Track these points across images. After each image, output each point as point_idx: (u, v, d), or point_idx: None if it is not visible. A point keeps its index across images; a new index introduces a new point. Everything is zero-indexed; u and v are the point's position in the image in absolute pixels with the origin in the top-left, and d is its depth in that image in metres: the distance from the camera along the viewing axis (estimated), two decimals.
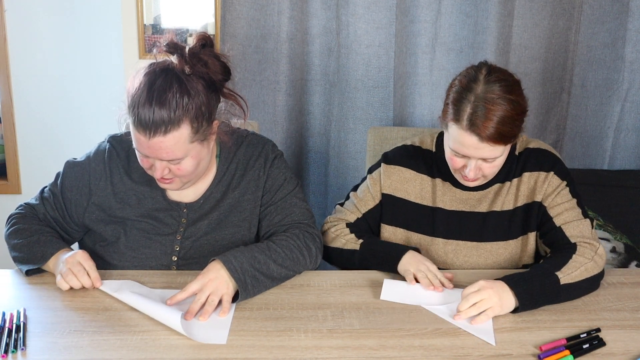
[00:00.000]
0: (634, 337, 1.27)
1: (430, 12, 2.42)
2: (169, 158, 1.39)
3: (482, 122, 1.41)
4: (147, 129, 1.34)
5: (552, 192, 1.58)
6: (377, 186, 1.70)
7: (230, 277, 1.36)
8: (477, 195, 1.63)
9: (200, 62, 1.40)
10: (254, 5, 2.39)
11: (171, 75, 1.37)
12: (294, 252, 1.49)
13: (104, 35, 2.70)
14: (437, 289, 1.45)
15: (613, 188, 2.47)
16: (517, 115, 1.45)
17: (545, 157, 1.61)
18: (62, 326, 1.26)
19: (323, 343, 1.23)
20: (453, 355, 1.19)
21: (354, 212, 1.71)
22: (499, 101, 1.42)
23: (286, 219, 1.57)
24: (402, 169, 1.69)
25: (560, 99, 2.59)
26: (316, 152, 2.64)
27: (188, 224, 1.55)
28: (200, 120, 1.39)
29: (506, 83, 1.45)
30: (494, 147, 1.45)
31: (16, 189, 2.86)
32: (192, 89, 1.38)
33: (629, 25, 2.48)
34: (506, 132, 1.43)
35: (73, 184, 1.56)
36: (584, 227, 1.53)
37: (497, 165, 1.52)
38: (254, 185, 1.58)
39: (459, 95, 1.46)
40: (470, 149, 1.46)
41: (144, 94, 1.35)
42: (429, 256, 1.64)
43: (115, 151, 1.57)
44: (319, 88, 2.56)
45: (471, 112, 1.43)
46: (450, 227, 1.64)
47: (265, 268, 1.42)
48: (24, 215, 1.58)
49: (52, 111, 2.80)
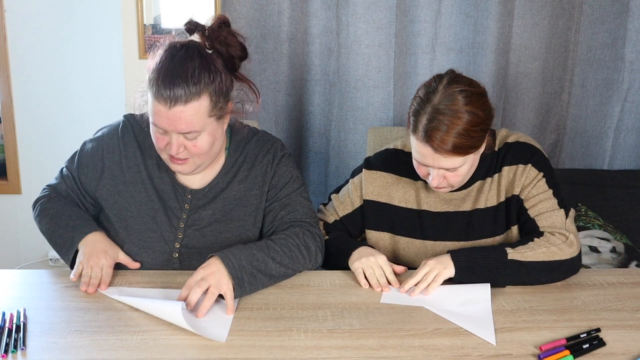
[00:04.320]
0: (634, 337, 1.27)
1: (430, 12, 2.42)
2: (187, 130, 1.40)
3: (435, 134, 1.42)
4: (168, 99, 1.36)
5: (529, 184, 1.57)
6: (357, 192, 1.71)
7: (229, 274, 1.37)
8: (460, 195, 1.64)
9: (220, 39, 1.45)
10: (254, 5, 2.39)
11: (192, 50, 1.42)
12: (293, 250, 1.49)
13: (104, 35, 2.70)
14: (385, 289, 1.46)
15: (613, 188, 2.47)
16: (473, 127, 1.43)
17: (524, 150, 1.60)
18: (62, 326, 1.26)
19: (323, 343, 1.23)
20: (453, 355, 1.19)
21: (332, 215, 1.73)
22: (456, 113, 1.41)
23: (288, 215, 1.58)
24: (384, 174, 1.69)
25: (560, 99, 2.59)
26: (316, 152, 2.65)
27: (191, 211, 1.56)
28: (219, 95, 1.43)
29: (465, 94, 1.44)
30: (451, 159, 1.45)
31: (16, 189, 2.86)
32: (212, 64, 1.42)
33: (629, 25, 2.48)
34: (460, 144, 1.42)
35: (89, 159, 1.59)
36: (557, 218, 1.53)
37: (461, 174, 1.51)
38: (260, 180, 1.60)
39: (418, 106, 1.47)
40: (428, 159, 1.47)
41: (165, 65, 1.38)
42: (418, 259, 1.64)
43: (130, 125, 1.61)
44: (319, 88, 2.56)
45: (426, 123, 1.43)
46: (437, 228, 1.65)
47: (263, 266, 1.43)
48: (50, 197, 1.62)
49: (52, 111, 2.80)
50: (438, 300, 1.41)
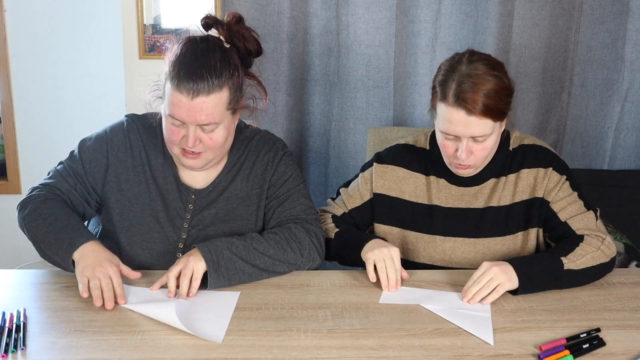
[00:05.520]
0: (634, 337, 1.27)
1: (430, 12, 2.42)
2: (207, 121, 1.41)
3: (468, 95, 1.45)
4: (191, 90, 1.37)
5: (554, 187, 1.59)
6: (368, 185, 1.71)
7: (203, 258, 1.40)
8: (472, 191, 1.64)
9: (238, 35, 1.47)
10: (254, 5, 2.39)
11: (213, 43, 1.44)
12: (280, 242, 1.50)
13: (104, 35, 2.70)
14: (391, 290, 1.46)
15: (613, 188, 2.47)
16: (502, 91, 1.48)
17: (543, 154, 1.63)
18: (62, 326, 1.26)
19: (323, 343, 1.23)
20: (453, 355, 1.19)
21: (341, 207, 1.73)
22: (483, 76, 1.46)
23: (285, 212, 1.58)
24: (395, 167, 1.69)
25: (560, 99, 2.59)
26: (316, 152, 2.65)
27: (195, 211, 1.56)
28: (237, 89, 1.45)
29: (488, 62, 1.50)
30: (482, 121, 1.47)
31: (16, 189, 2.86)
32: (231, 58, 1.45)
33: (629, 25, 2.48)
34: (492, 105, 1.46)
35: (92, 156, 1.56)
36: (589, 220, 1.56)
37: (487, 147, 1.52)
38: (261, 178, 1.60)
39: (444, 76, 1.50)
40: (460, 125, 1.48)
41: (187, 57, 1.40)
42: (427, 254, 1.65)
43: (135, 125, 1.60)
44: (319, 88, 2.56)
45: (455, 87, 1.46)
46: (447, 224, 1.65)
47: (245, 253, 1.44)
48: (45, 198, 1.51)
49: (52, 111, 2.80)
50: (437, 300, 1.41)
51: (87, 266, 1.36)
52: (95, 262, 1.37)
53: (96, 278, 1.34)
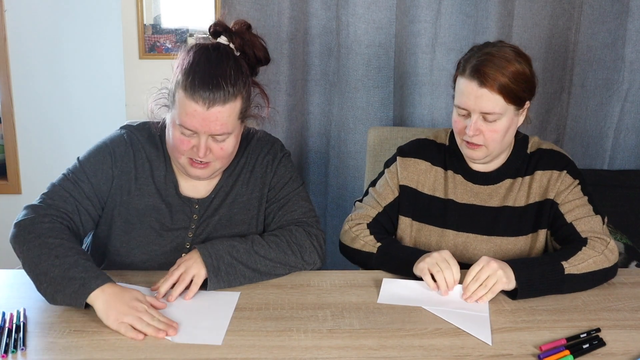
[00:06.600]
0: (634, 337, 1.27)
1: (430, 12, 2.42)
2: (221, 131, 1.40)
3: (484, 69, 1.49)
4: (207, 99, 1.36)
5: (565, 189, 1.60)
6: (395, 179, 1.72)
7: (203, 262, 1.38)
8: (487, 190, 1.65)
9: (248, 42, 1.46)
10: (254, 5, 2.39)
11: (224, 52, 1.42)
12: (281, 245, 1.49)
13: (104, 35, 2.70)
14: (443, 293, 1.42)
15: (613, 188, 2.46)
16: (520, 76, 1.51)
17: (558, 158, 1.64)
18: (62, 326, 1.26)
19: (323, 343, 1.23)
20: (453, 355, 1.19)
21: (374, 207, 1.71)
22: (506, 56, 1.51)
23: (286, 216, 1.58)
24: (418, 160, 1.71)
25: (560, 99, 2.58)
26: (316, 152, 2.64)
27: (199, 221, 1.56)
28: (247, 97, 1.44)
29: (516, 50, 1.55)
30: (494, 97, 1.49)
31: (16, 189, 2.86)
32: (242, 67, 1.44)
33: (629, 25, 2.48)
34: (506, 83, 1.48)
35: (97, 168, 1.51)
36: (595, 223, 1.55)
37: (497, 130, 1.53)
38: (260, 182, 1.60)
39: (470, 54, 1.56)
40: (471, 97, 1.51)
41: (202, 65, 1.37)
42: (437, 247, 1.66)
43: (135, 136, 1.56)
44: (319, 88, 2.56)
45: (476, 62, 1.52)
46: (461, 219, 1.66)
47: (245, 257, 1.43)
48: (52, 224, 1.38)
49: (52, 111, 2.80)
50: (436, 300, 1.41)
51: (120, 313, 1.24)
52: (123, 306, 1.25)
53: (139, 320, 1.24)
